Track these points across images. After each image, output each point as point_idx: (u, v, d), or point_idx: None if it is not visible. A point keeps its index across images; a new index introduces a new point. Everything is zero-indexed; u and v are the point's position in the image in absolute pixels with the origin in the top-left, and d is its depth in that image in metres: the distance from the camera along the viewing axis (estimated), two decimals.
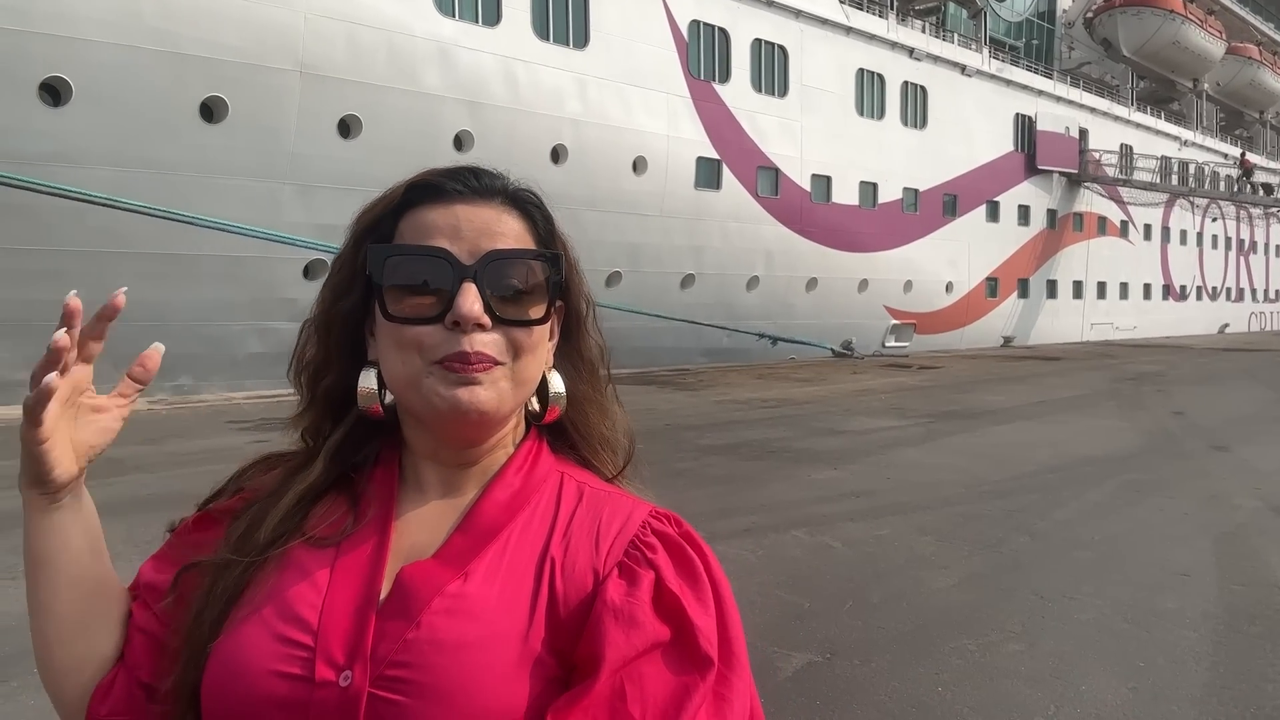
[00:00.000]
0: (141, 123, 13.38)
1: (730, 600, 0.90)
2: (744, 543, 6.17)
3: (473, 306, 0.87)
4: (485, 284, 0.89)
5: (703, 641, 0.85)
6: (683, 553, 0.90)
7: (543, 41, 18.47)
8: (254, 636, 0.85)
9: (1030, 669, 4.22)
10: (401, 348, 0.89)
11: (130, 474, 8.08)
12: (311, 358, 1.00)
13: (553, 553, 0.89)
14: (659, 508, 0.96)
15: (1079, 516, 7.25)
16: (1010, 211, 32.35)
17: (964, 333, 30.44)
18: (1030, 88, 32.94)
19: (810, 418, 12.66)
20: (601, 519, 0.92)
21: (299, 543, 0.91)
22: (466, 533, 0.91)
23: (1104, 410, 14.36)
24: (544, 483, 0.96)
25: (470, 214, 0.92)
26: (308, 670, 0.82)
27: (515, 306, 0.90)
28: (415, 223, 0.92)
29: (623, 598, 0.86)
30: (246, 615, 0.87)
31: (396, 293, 0.89)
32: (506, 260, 0.90)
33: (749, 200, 22.79)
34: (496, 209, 0.94)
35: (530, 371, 0.93)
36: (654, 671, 0.83)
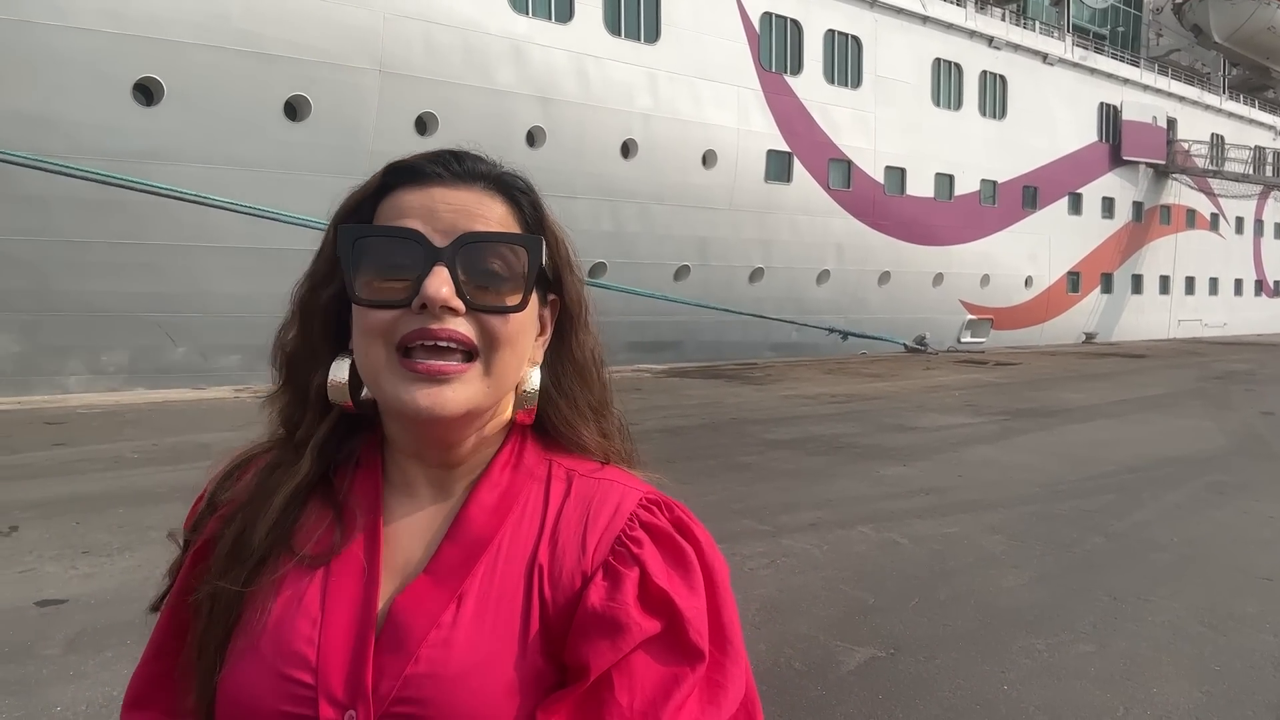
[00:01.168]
0: (229, 121, 13.89)
1: (724, 586, 0.87)
2: (809, 537, 6.17)
3: (440, 289, 0.81)
4: (459, 267, 0.83)
5: (692, 633, 0.83)
6: (672, 542, 0.87)
7: (614, 37, 18.57)
8: (256, 674, 0.83)
9: (1100, 670, 4.16)
10: (369, 334, 0.84)
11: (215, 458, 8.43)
12: (290, 340, 0.95)
13: (540, 559, 0.86)
14: (651, 492, 0.91)
15: (1158, 518, 7.06)
16: (1094, 204, 31.38)
17: (1044, 329, 29.66)
18: (1115, 76, 31.88)
19: (880, 413, 12.52)
20: (589, 513, 0.88)
21: (291, 563, 0.87)
22: (456, 542, 0.87)
23: (1189, 409, 13.88)
24: (532, 476, 0.92)
25: (449, 196, 0.87)
26: (312, 710, 0.80)
27: (491, 293, 0.84)
28: (392, 204, 0.87)
29: (604, 603, 0.83)
30: (245, 649, 0.84)
31: (367, 276, 0.84)
32: (483, 243, 0.84)
33: (820, 193, 22.57)
34: (478, 192, 0.88)
35: (507, 366, 0.87)
36: (643, 662, 0.81)
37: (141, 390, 13.19)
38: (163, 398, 12.66)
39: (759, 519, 6.57)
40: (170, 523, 4.05)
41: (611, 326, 4.37)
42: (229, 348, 14.40)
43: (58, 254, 13.03)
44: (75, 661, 3.92)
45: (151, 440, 9.29)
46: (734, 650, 0.86)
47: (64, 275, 13.16)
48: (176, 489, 7.16)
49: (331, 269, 0.90)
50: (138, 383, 13.73)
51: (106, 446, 8.93)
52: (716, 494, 7.25)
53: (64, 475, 7.63)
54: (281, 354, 0.95)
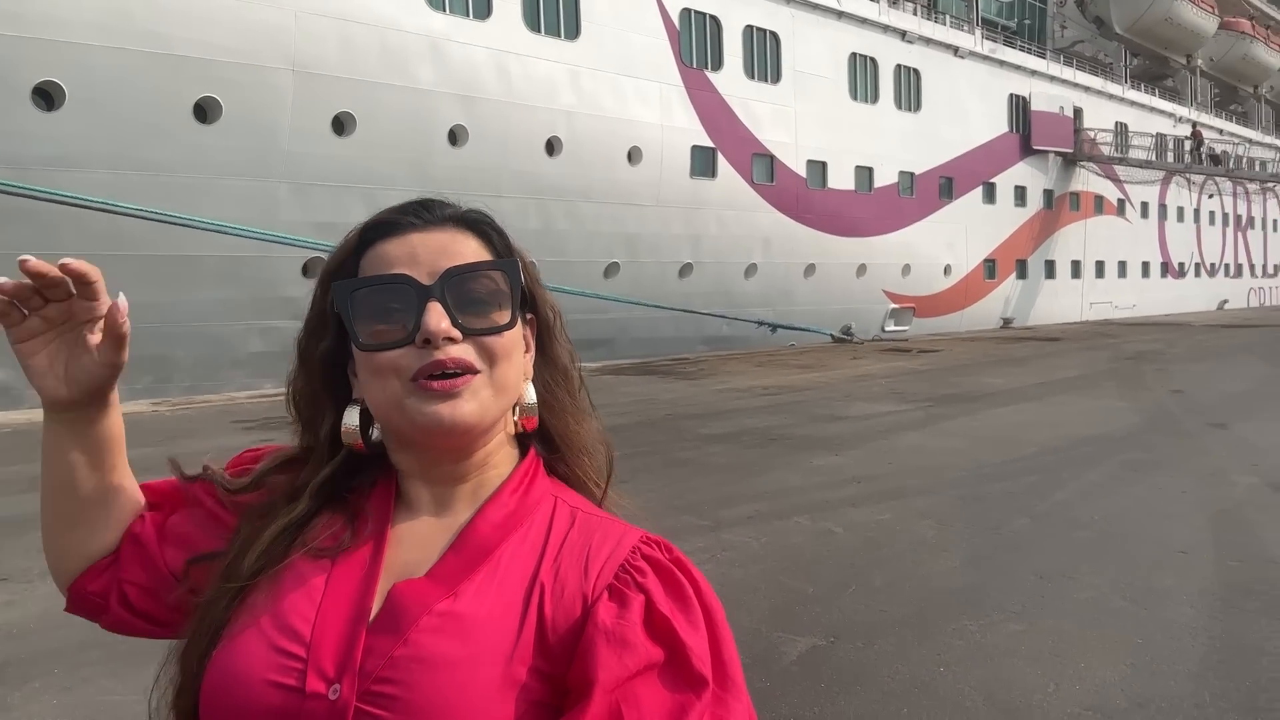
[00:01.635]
0: (136, 125, 13.40)
1: (723, 624, 0.91)
2: (747, 530, 6.24)
3: (439, 323, 0.90)
4: (449, 299, 0.91)
5: (696, 661, 0.85)
6: (672, 577, 0.90)
7: (534, 33, 18.46)
8: (251, 645, 0.88)
9: (1030, 648, 4.29)
10: (380, 375, 0.92)
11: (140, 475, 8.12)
12: (301, 390, 1.03)
13: (542, 577, 0.90)
14: (650, 534, 0.96)
15: (1078, 497, 7.32)
16: (1007, 193, 32.35)
17: (963, 315, 30.48)
18: (1024, 68, 32.91)
19: (811, 404, 12.72)
20: (592, 544, 0.93)
21: (300, 553, 0.94)
22: (459, 552, 0.93)
23: (1103, 390, 14.42)
24: (538, 506, 0.97)
25: (425, 240, 0.95)
26: (299, 681, 0.84)
27: (481, 317, 0.93)
28: (374, 258, 0.95)
29: (614, 620, 0.86)
30: (246, 624, 0.90)
31: (367, 324, 0.92)
32: (466, 274, 0.93)
33: (745, 188, 22.81)
34: (450, 232, 0.97)
35: (508, 378, 0.95)
36: (649, 692, 0.83)
37: None
38: None
39: (698, 514, 6.62)
40: None
41: None
42: (144, 359, 13.92)
43: None
44: (1, 693, 3.75)
45: None
46: (735, 687, 0.88)
47: None
48: None
49: (323, 321, 0.99)
50: None
51: (21, 467, 8.53)
52: (656, 490, 7.27)
53: None
54: (296, 399, 1.04)
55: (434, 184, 16.74)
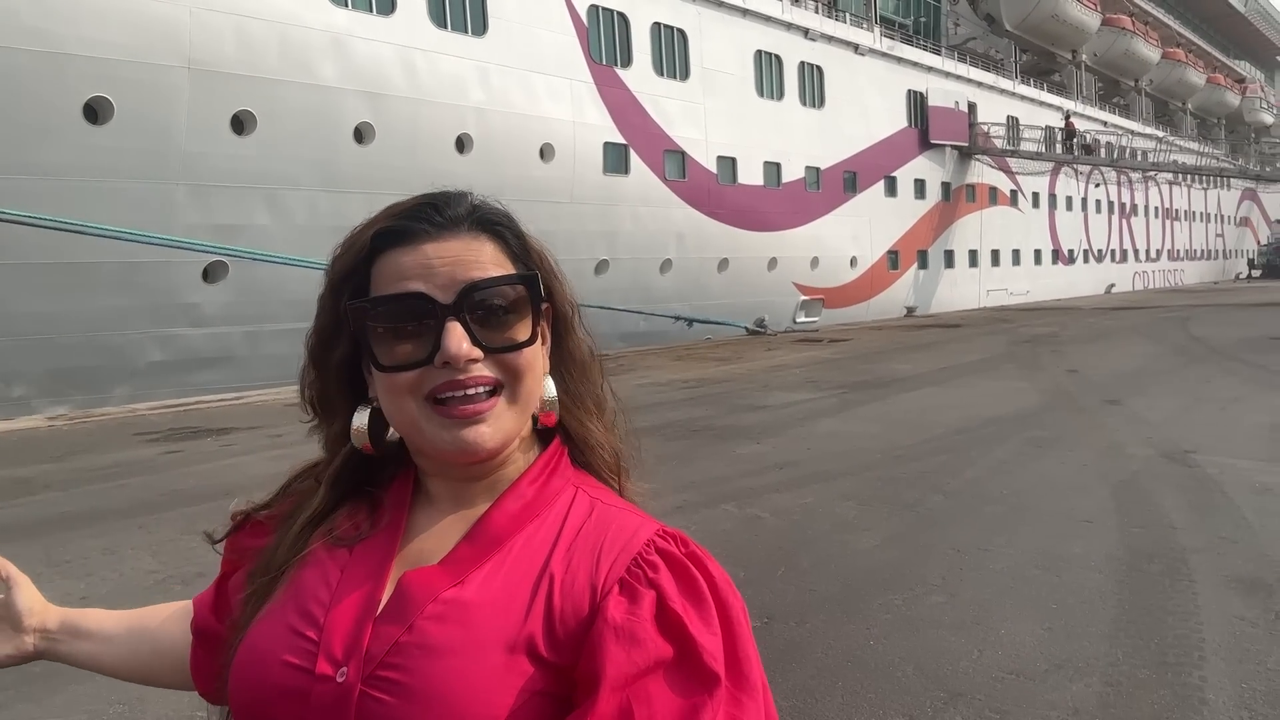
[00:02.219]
0: (22, 127, 12.72)
1: (740, 621, 0.89)
2: (676, 520, 6.26)
3: (460, 345, 0.88)
4: (469, 317, 0.89)
5: (708, 659, 0.83)
6: (687, 572, 0.89)
7: (440, 29, 18.19)
8: (273, 627, 0.91)
9: (953, 618, 4.48)
10: (397, 394, 0.91)
11: (40, 493, 7.77)
12: (311, 386, 1.02)
13: (553, 567, 0.90)
14: (667, 527, 0.94)
15: (987, 474, 7.64)
16: (907, 186, 33.34)
17: (869, 305, 31.30)
18: (920, 64, 33.95)
19: (730, 395, 12.91)
20: (607, 536, 0.92)
21: (322, 542, 0.97)
22: (473, 541, 0.93)
23: (1004, 372, 15.03)
24: (557, 497, 0.96)
25: (439, 250, 0.92)
26: (310, 663, 0.87)
27: (502, 333, 0.91)
28: (387, 269, 0.92)
29: (624, 615, 0.85)
30: (271, 608, 0.94)
31: (386, 343, 0.91)
32: (485, 289, 0.91)
33: (658, 184, 22.96)
34: (464, 239, 0.93)
35: (530, 390, 0.95)
36: (661, 691, 0.82)
37: None
38: None
39: None
40: None
41: None
42: (36, 373, 13.25)
43: None
44: None
45: None
46: (750, 686, 0.86)
47: None
48: (2, 529, 6.55)
49: (337, 330, 0.97)
50: None
51: None
52: None
53: None
54: (310, 395, 1.04)
55: (340, 183, 16.46)
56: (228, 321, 15.22)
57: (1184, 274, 59.90)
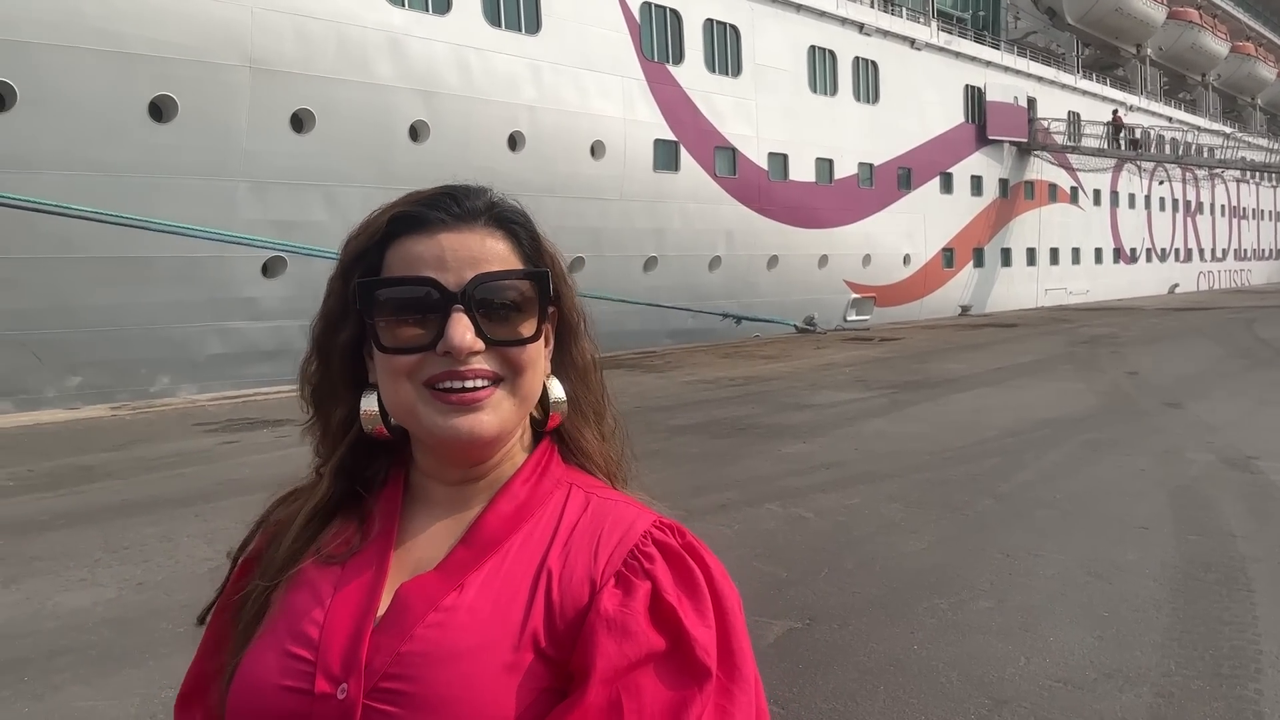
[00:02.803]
0: (89, 125, 13.12)
1: (735, 613, 0.89)
2: (720, 518, 6.31)
3: (464, 335, 0.88)
4: (475, 308, 0.89)
5: (700, 652, 0.84)
6: (683, 564, 0.89)
7: (494, 28, 18.34)
8: (266, 653, 0.89)
9: (1001, 624, 4.40)
10: (395, 376, 0.91)
11: (101, 480, 8.02)
12: (315, 378, 1.01)
13: (550, 564, 0.90)
14: (664, 518, 0.95)
15: (1040, 477, 7.49)
16: (963, 182, 32.78)
17: (923, 304, 30.85)
18: (978, 59, 33.32)
19: (777, 393, 12.83)
20: (603, 529, 0.92)
21: (311, 561, 0.95)
22: (469, 545, 0.92)
23: (1061, 373, 14.72)
24: (550, 495, 0.96)
25: (455, 241, 0.92)
26: (309, 684, 0.85)
27: (506, 326, 0.91)
28: (401, 254, 0.93)
29: (616, 608, 0.85)
30: (263, 633, 0.92)
31: (390, 325, 0.91)
32: (494, 283, 0.91)
33: (708, 181, 22.88)
34: (480, 233, 0.94)
35: (530, 387, 0.94)
36: (651, 684, 0.83)
37: (9, 414, 12.38)
38: (33, 420, 11.93)
39: (670, 504, 6.51)
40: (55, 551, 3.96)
41: None
42: (101, 363, 13.66)
43: None
44: None
45: (27, 465, 8.75)
46: (742, 678, 0.86)
47: None
48: (60, 515, 6.77)
49: (345, 312, 0.96)
50: (5, 405, 12.88)
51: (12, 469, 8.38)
52: None
53: None
54: (309, 388, 1.02)
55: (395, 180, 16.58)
56: (285, 315, 15.54)
57: (1251, 274, 57.95)
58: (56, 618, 4.68)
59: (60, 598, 4.96)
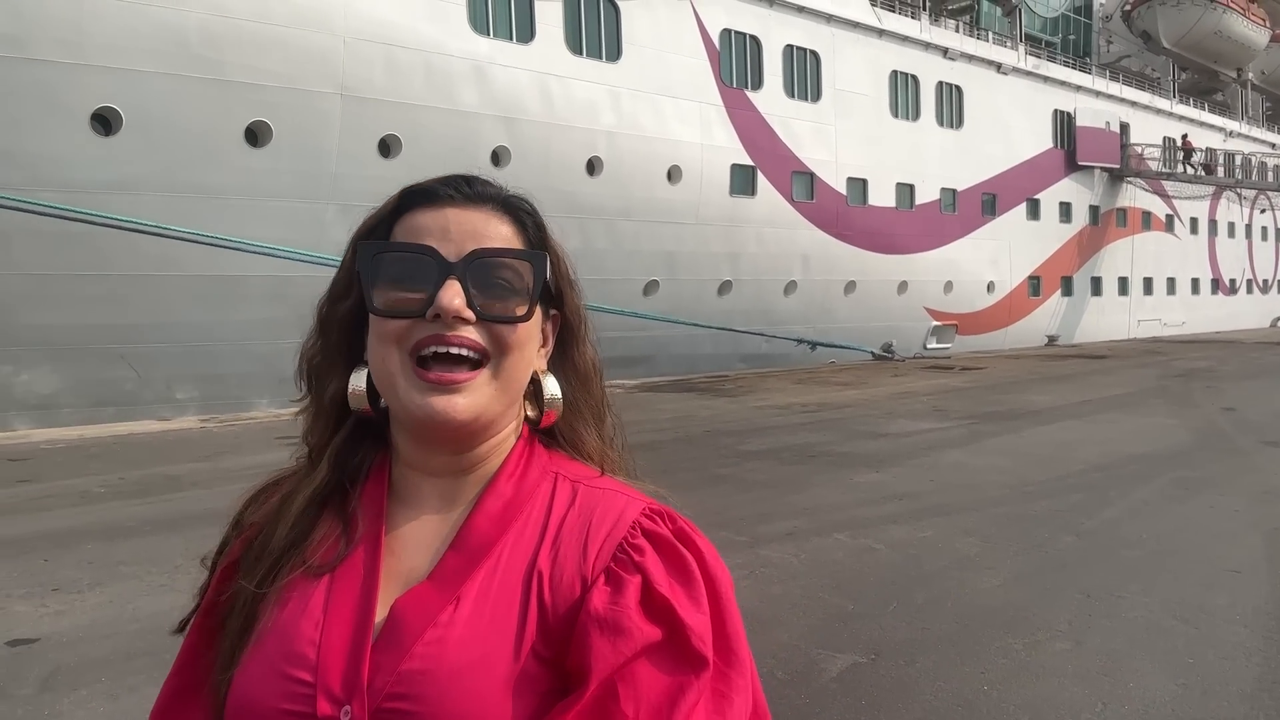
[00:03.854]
0: (189, 149, 13.76)
1: (728, 597, 0.89)
2: (786, 547, 6.21)
3: (453, 300, 0.88)
4: (469, 281, 0.89)
5: (695, 641, 0.84)
6: (674, 551, 0.89)
7: (576, 56, 18.67)
8: (261, 674, 0.87)
9: (1077, 667, 4.22)
10: (384, 341, 0.90)
11: (187, 490, 8.32)
12: (313, 354, 1.01)
13: (540, 565, 0.88)
14: (654, 504, 0.94)
15: (1127, 515, 7.19)
16: (1051, 209, 31.93)
17: (1007, 332, 30.06)
18: (1068, 83, 32.51)
19: (851, 421, 12.63)
20: (592, 521, 0.91)
21: (299, 573, 0.92)
22: (460, 551, 0.90)
23: (1152, 408, 14.14)
24: (537, 488, 0.95)
25: (460, 217, 0.93)
26: (310, 707, 0.83)
27: (500, 304, 0.91)
28: (408, 225, 0.94)
29: (606, 606, 0.85)
30: (254, 651, 0.89)
31: (384, 288, 0.90)
32: (491, 259, 0.91)
33: (784, 205, 22.78)
34: (486, 213, 0.95)
35: (516, 371, 0.93)
36: (647, 672, 0.82)
37: (106, 424, 12.97)
38: (127, 430, 12.47)
39: (736, 530, 6.60)
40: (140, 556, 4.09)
41: None
42: (193, 377, 14.22)
43: (18, 288, 12.82)
44: (49, 700, 3.85)
45: (118, 474, 9.15)
46: (739, 661, 0.87)
47: (25, 309, 12.95)
48: (147, 522, 7.06)
49: (349, 283, 0.97)
50: (102, 416, 13.50)
51: (73, 481, 8.78)
52: (693, 507, 7.12)
53: (30, 512, 7.49)
54: (306, 365, 1.02)
55: None
56: None
57: None
58: (137, 621, 4.85)
59: (141, 602, 5.14)
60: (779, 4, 22.77)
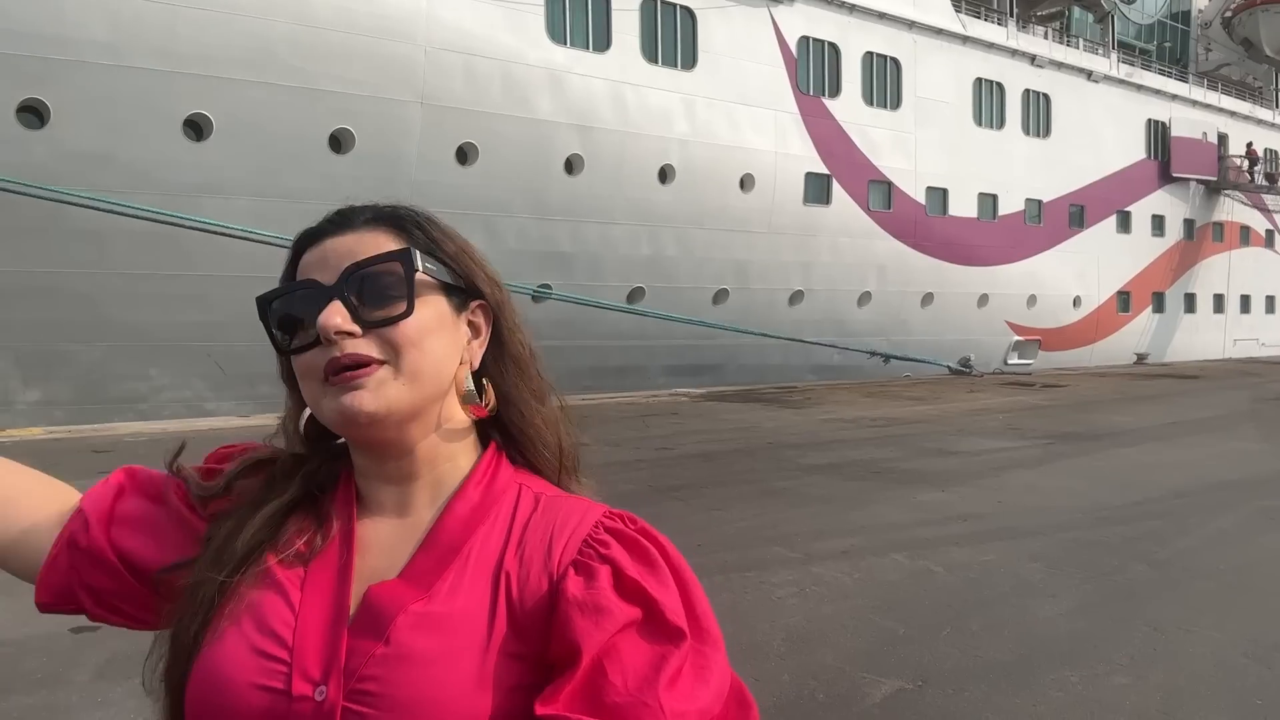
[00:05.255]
0: (275, 155, 14.27)
1: (694, 582, 0.93)
2: (840, 565, 6.11)
3: (331, 319, 0.91)
4: (351, 296, 0.93)
5: (670, 615, 0.88)
6: (638, 544, 0.93)
7: (651, 64, 18.76)
8: (234, 650, 0.90)
9: (1136, 704, 4.06)
10: (303, 377, 0.96)
11: None
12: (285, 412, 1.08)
13: (507, 565, 0.93)
14: (614, 509, 0.98)
15: (1204, 544, 6.88)
16: (1143, 222, 30.82)
17: (1094, 349, 29.11)
18: (1163, 92, 31.37)
19: (920, 437, 12.37)
20: (555, 524, 0.96)
21: (274, 560, 0.96)
22: (430, 550, 0.95)
23: (1242, 432, 13.50)
24: (503, 494, 1.00)
25: (336, 244, 0.98)
26: (285, 684, 0.87)
27: (379, 309, 0.94)
28: (300, 268, 1.00)
29: (584, 591, 0.89)
30: (226, 628, 0.92)
31: (287, 331, 0.97)
32: (365, 270, 0.94)
33: (860, 215, 22.49)
34: (360, 233, 0.98)
35: (420, 365, 0.95)
36: (630, 645, 0.87)
37: (187, 419, 13.51)
38: (209, 425, 12.95)
39: (790, 546, 6.53)
40: None
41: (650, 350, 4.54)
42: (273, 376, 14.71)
43: (113, 286, 13.46)
44: (103, 688, 4.00)
45: None
46: (712, 639, 0.91)
47: (119, 307, 13.58)
48: None
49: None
50: (186, 411, 14.07)
51: None
52: (748, 520, 7.22)
53: None
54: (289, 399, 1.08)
55: (549, 211, 17.32)
56: None
57: None
58: None
59: None
60: (859, 11, 22.49)
